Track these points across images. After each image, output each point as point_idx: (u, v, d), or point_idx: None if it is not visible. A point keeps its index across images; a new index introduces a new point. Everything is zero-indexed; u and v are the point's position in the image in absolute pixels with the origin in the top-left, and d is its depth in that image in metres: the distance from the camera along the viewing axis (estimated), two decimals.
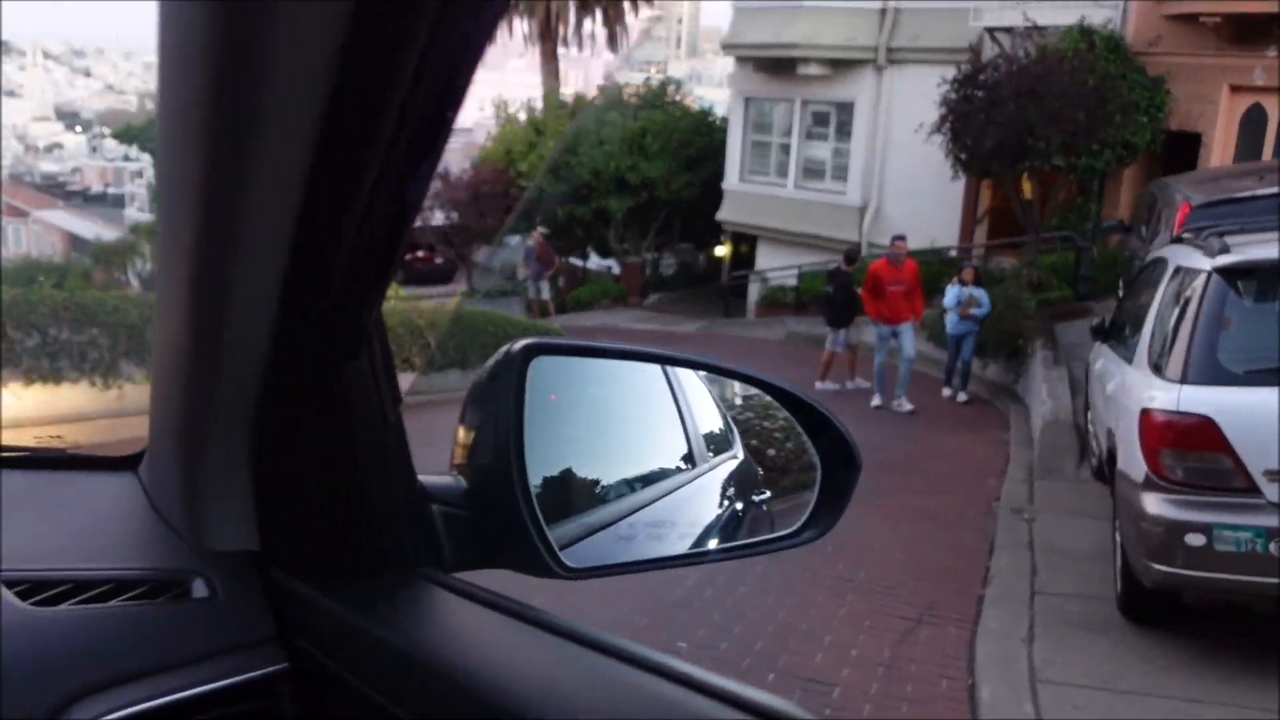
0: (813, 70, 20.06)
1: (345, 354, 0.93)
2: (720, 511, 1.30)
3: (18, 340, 8.67)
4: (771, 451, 1.34)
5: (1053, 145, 14.15)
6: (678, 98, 24.98)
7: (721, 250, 25.84)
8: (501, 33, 28.72)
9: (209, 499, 1.05)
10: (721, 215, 22.79)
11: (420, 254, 33.35)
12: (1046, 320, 13.55)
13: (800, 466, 1.27)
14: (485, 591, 0.98)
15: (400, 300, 21.79)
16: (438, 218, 24.25)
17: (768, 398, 1.28)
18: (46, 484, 1.28)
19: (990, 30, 17.84)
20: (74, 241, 44.57)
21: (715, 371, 1.33)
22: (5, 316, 8.54)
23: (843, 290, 13.49)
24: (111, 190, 57.01)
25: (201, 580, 1.03)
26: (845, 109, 20.56)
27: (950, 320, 12.53)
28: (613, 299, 23.89)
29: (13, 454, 1.36)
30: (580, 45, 33.91)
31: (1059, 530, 7.23)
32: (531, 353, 1.01)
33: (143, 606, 0.99)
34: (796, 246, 21.30)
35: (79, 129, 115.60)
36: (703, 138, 24.04)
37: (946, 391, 13.06)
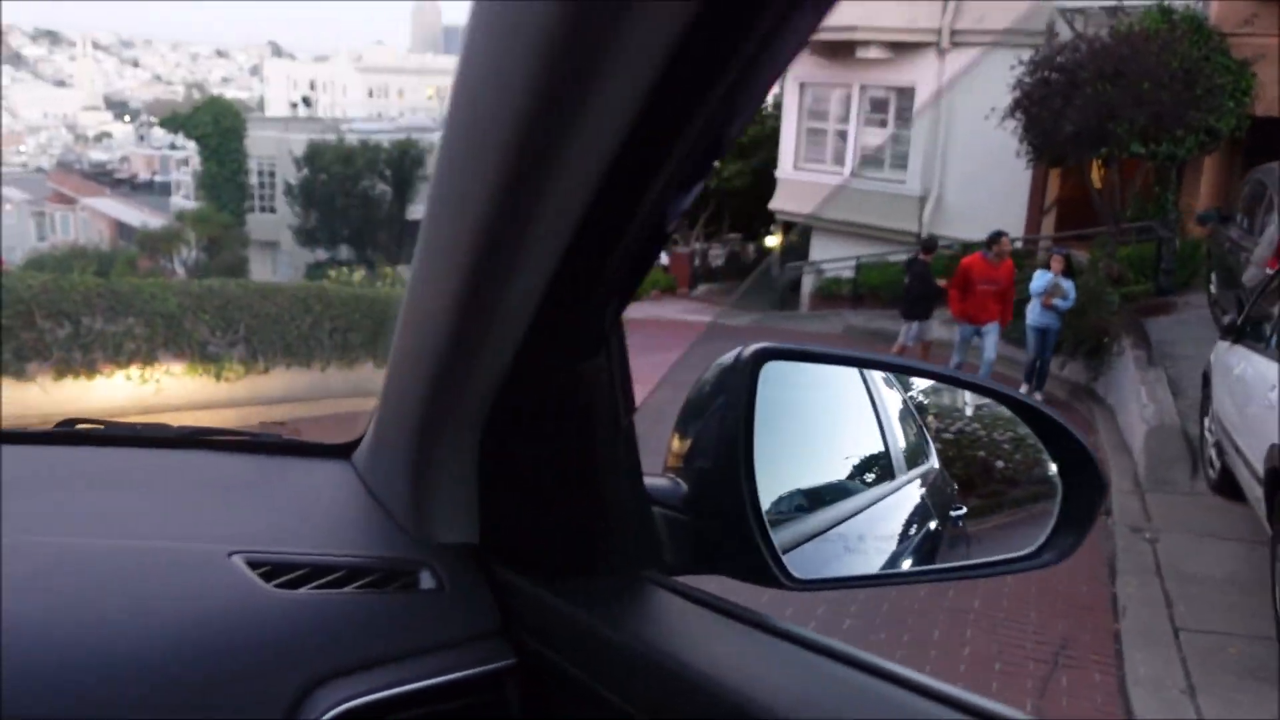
0: (872, 54, 19.18)
1: (587, 353, 0.93)
2: (920, 527, 1.23)
3: (48, 330, 7.99)
4: (1000, 464, 1.28)
5: (1135, 130, 13.21)
6: None
7: (772, 240, 25.04)
8: None
9: (435, 490, 1.07)
10: (774, 204, 21.97)
11: None
12: (1131, 316, 12.66)
13: (1031, 480, 1.21)
14: (706, 594, 0.97)
15: None
16: None
17: (1000, 409, 1.21)
18: (266, 468, 1.32)
19: (1064, 11, 16.89)
20: (121, 229, 44.42)
21: (946, 381, 1.33)
22: (35, 304, 7.89)
23: (920, 281, 12.66)
24: (158, 178, 56.96)
25: (428, 571, 1.04)
26: (905, 94, 19.67)
27: (1032, 310, 11.65)
28: (661, 290, 23.17)
29: (234, 438, 1.40)
30: None
31: (1186, 552, 6.43)
32: (763, 357, 1.00)
33: (375, 595, 1.00)
34: (852, 237, 20.45)
35: (127, 118, 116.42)
36: (754, 124, 23.20)
37: (1023, 389, 12.21)
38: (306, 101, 41.17)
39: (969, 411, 1.30)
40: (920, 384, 1.29)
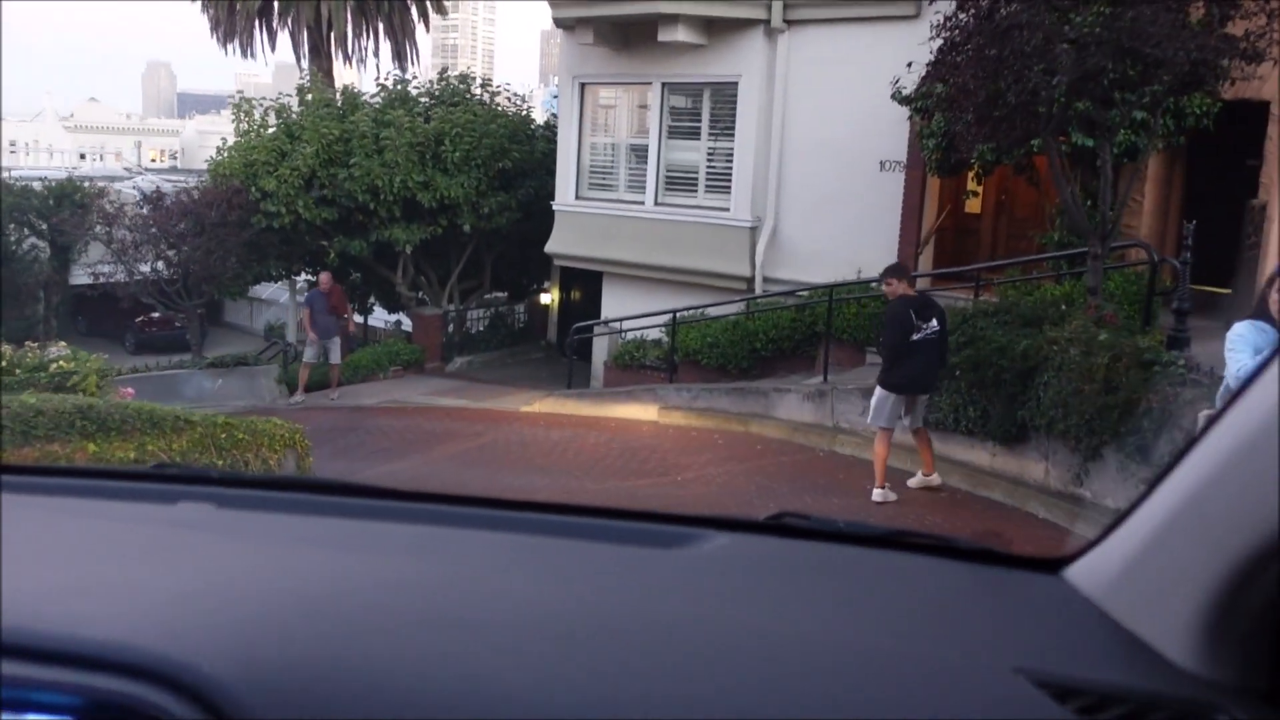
0: (680, 36, 13.49)
1: None
2: None
3: None
4: None
5: (1168, 80, 7.76)
6: (485, 97, 17.93)
7: (547, 298, 18.90)
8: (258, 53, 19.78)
9: (1230, 629, 0.98)
10: (552, 246, 15.84)
11: (155, 315, 24.84)
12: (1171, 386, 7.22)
13: None
14: None
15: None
16: (149, 262, 16.23)
17: None
18: (977, 577, 1.26)
19: None
20: None
21: None
22: None
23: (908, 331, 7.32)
24: None
25: (1226, 717, 0.95)
26: (725, 92, 14.07)
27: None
28: (404, 364, 16.55)
29: (936, 542, 1.34)
30: (361, 61, 26.57)
31: None
32: None
33: None
34: (658, 285, 14.61)
35: None
36: (521, 146, 17.11)
37: None
38: None
39: None
40: None
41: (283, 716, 0.89)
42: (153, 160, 71.67)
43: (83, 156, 70.20)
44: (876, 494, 8.23)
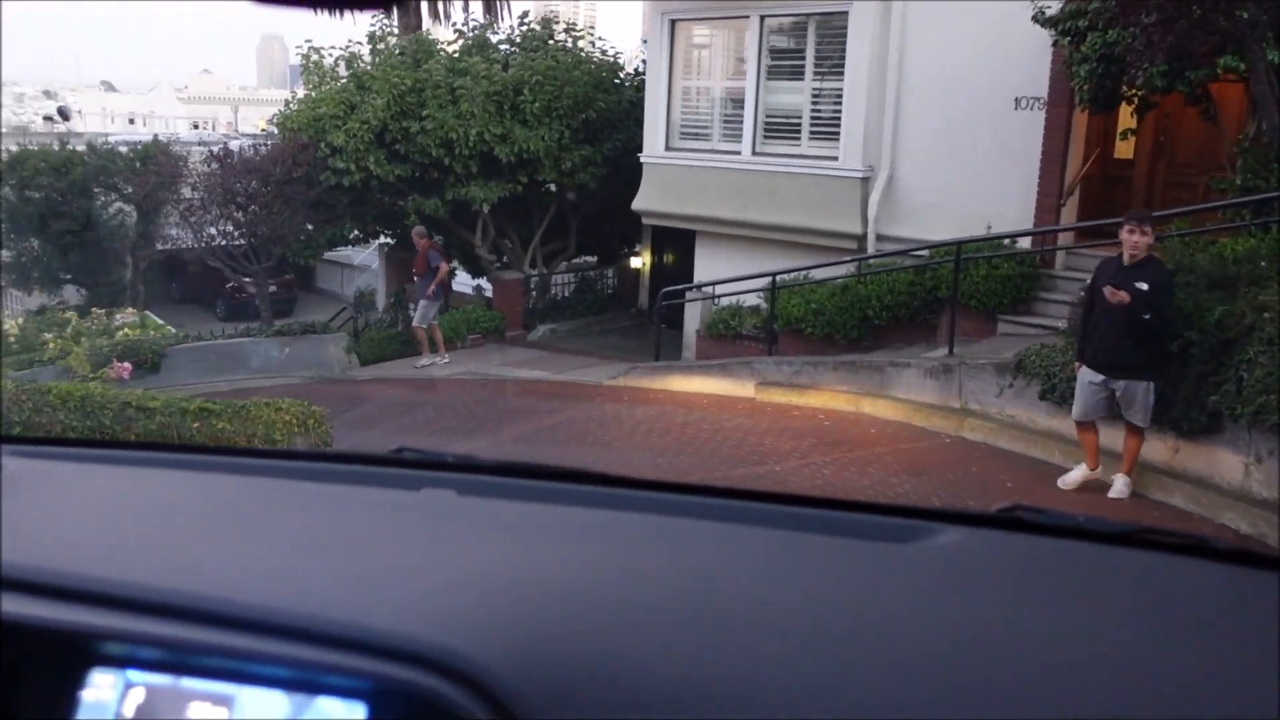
0: None
1: None
2: None
3: None
4: None
5: None
6: (569, 41, 16.38)
7: (638, 261, 17.36)
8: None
9: None
10: (640, 203, 14.26)
11: (248, 281, 24.11)
12: None
13: None
14: None
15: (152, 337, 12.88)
16: (216, 224, 15.23)
17: None
18: (1231, 580, 1.16)
19: None
20: None
21: None
22: None
23: (1159, 299, 6.55)
24: None
25: None
26: (833, 24, 12.26)
27: None
28: (483, 332, 15.24)
29: (1184, 540, 1.25)
30: (448, 18, 25.23)
31: None
32: None
33: None
34: (757, 244, 12.95)
35: None
36: (607, 95, 15.54)
37: None
38: (64, 114, 31.31)
39: None
40: None
41: (561, 711, 0.86)
42: (260, 129, 72.32)
43: (196, 126, 71.27)
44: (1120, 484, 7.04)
